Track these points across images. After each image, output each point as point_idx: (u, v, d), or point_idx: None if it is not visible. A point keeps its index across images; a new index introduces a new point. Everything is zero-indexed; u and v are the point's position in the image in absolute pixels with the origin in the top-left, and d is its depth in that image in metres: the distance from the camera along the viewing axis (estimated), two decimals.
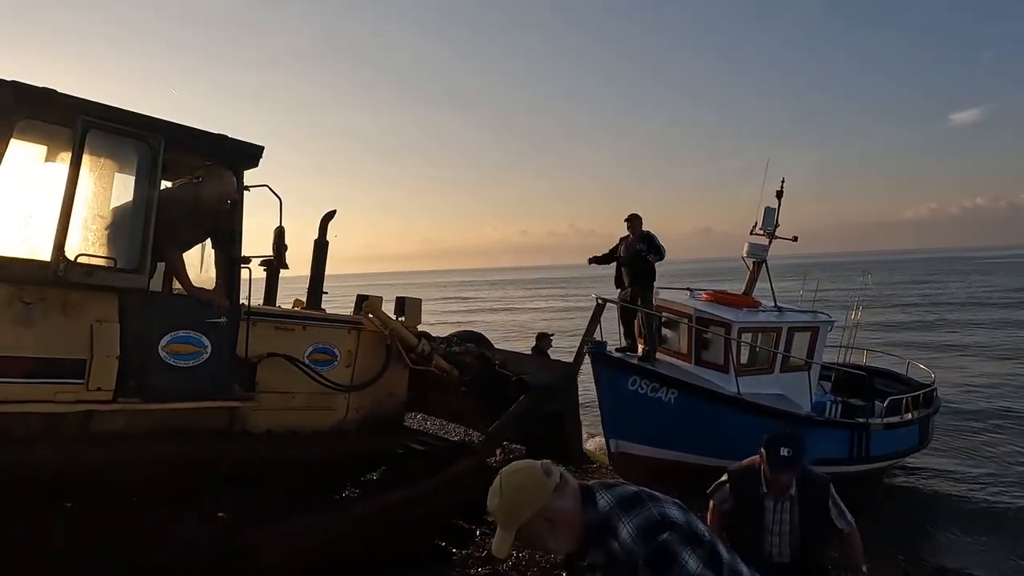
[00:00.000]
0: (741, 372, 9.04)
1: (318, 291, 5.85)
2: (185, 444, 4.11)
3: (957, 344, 25.27)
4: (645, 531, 1.75)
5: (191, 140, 4.31)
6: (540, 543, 1.84)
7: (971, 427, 13.71)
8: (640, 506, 1.81)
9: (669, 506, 1.82)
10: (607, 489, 1.88)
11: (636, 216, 9.33)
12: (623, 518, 1.79)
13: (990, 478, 10.81)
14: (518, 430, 5.43)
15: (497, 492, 1.79)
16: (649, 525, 1.76)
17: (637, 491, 1.87)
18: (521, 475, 1.82)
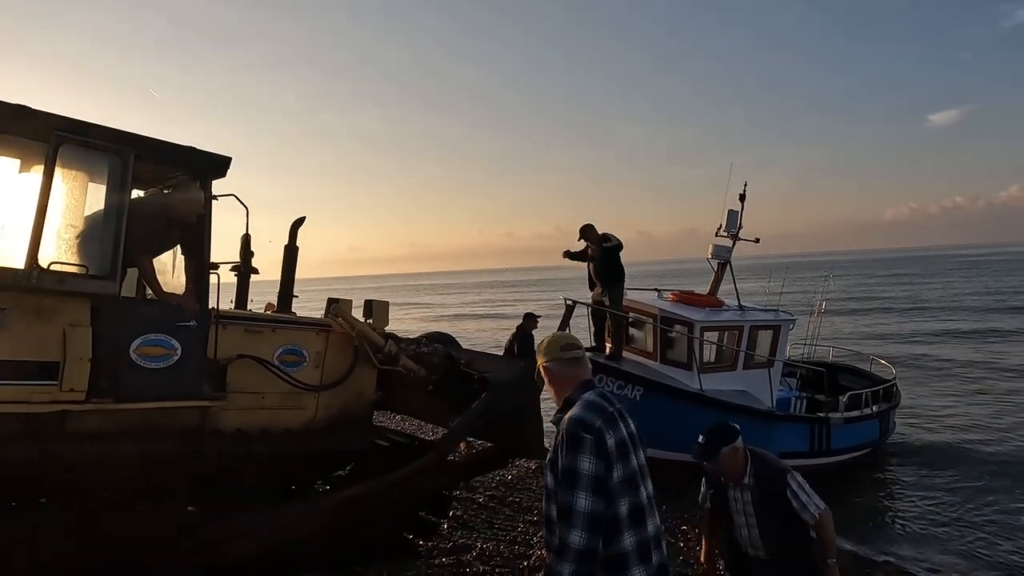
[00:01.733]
0: (704, 370, 9.36)
1: (288, 295, 6.06)
2: (156, 442, 4.31)
3: (927, 340, 25.85)
4: (574, 421, 2.26)
5: (161, 152, 4.52)
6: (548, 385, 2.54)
7: (934, 420, 14.14)
8: (594, 410, 2.30)
9: (614, 429, 2.28)
10: (596, 389, 2.44)
11: (587, 227, 9.45)
12: (577, 407, 2.33)
13: (951, 470, 11.16)
14: (479, 426, 5.65)
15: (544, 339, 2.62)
16: (579, 420, 2.26)
17: (610, 408, 2.36)
18: (549, 338, 2.61)
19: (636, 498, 2.27)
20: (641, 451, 2.40)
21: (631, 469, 2.28)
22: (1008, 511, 9.30)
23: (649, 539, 2.27)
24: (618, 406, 2.42)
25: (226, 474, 4.67)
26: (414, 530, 5.71)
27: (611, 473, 2.21)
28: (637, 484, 2.29)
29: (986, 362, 20.36)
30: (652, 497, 2.38)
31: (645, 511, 2.29)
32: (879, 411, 10.86)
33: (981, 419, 13.97)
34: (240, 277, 5.90)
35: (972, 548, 8.19)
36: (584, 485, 2.16)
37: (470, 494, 7.72)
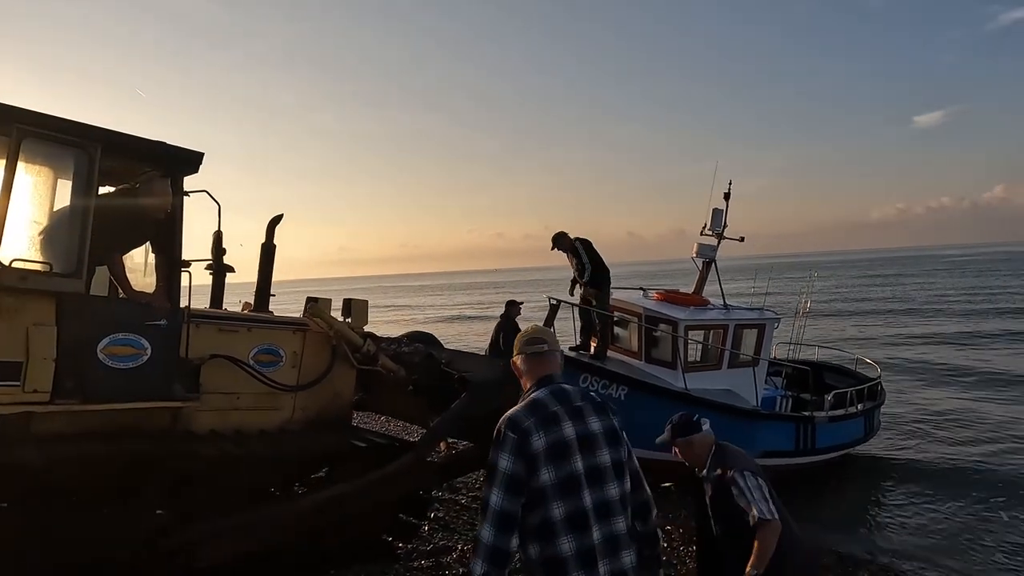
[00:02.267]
0: (689, 369, 9.32)
1: (265, 294, 5.98)
2: (124, 443, 4.20)
3: (915, 337, 26.04)
4: (504, 419, 2.27)
5: (129, 147, 4.42)
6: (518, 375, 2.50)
7: (919, 418, 14.21)
8: (530, 409, 2.27)
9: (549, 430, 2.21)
10: (551, 386, 2.36)
11: (557, 235, 9.43)
12: (518, 405, 2.33)
13: (935, 469, 11.21)
14: (457, 427, 5.58)
15: (520, 333, 2.60)
16: (508, 418, 2.26)
17: (554, 408, 2.28)
18: (520, 333, 2.59)
19: (576, 503, 2.16)
20: (603, 452, 2.27)
21: (568, 472, 2.18)
22: (991, 509, 9.34)
23: (594, 545, 2.14)
24: (577, 404, 2.32)
25: (199, 476, 4.58)
26: (393, 532, 5.64)
27: (536, 475, 2.15)
28: (577, 488, 2.17)
29: (970, 364, 20.50)
30: (611, 501, 2.24)
31: (589, 516, 2.16)
32: (864, 410, 10.86)
33: (965, 419, 14.06)
34: (215, 276, 5.80)
35: (956, 546, 8.20)
36: (498, 482, 2.15)
37: (452, 495, 7.64)
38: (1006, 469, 10.80)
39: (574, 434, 2.23)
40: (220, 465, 4.51)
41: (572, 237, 9.45)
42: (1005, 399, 15.34)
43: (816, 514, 8.79)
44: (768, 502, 3.47)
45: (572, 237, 9.45)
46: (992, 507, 9.35)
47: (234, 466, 4.60)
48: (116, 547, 4.05)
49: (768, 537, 3.39)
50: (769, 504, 3.46)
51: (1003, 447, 12.05)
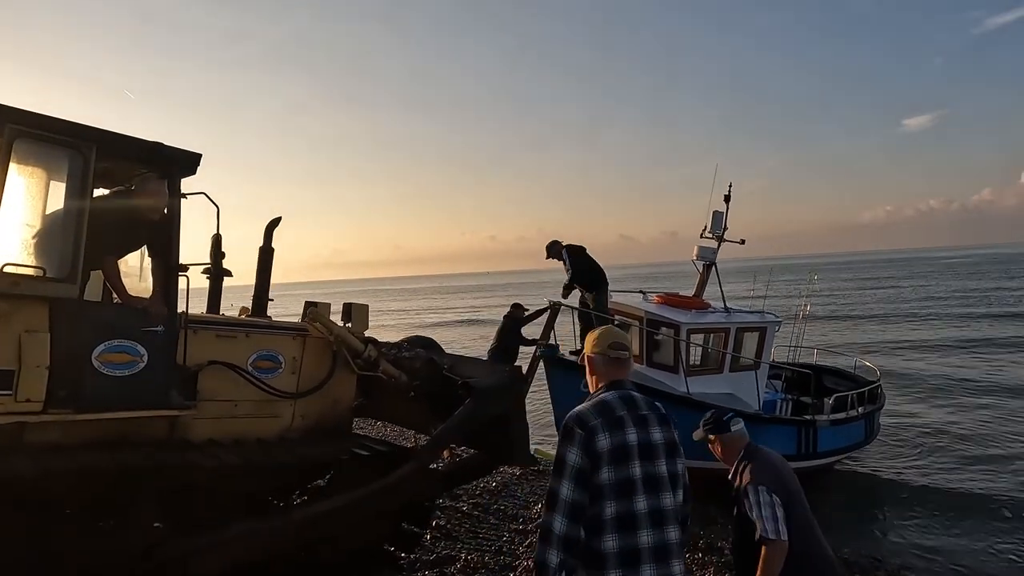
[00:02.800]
0: (691, 372, 9.25)
1: (263, 298, 5.85)
2: (120, 454, 4.07)
3: (908, 341, 26.11)
4: (573, 415, 2.37)
5: (125, 148, 4.30)
6: (588, 374, 2.59)
7: (918, 422, 14.20)
8: (598, 410, 2.36)
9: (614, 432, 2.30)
10: (621, 391, 2.46)
11: (549, 245, 9.83)
12: (586, 403, 2.44)
13: (935, 473, 11.19)
14: (462, 434, 5.46)
15: (595, 331, 2.67)
16: (577, 415, 2.37)
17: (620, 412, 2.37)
18: (603, 331, 2.65)
19: (628, 505, 2.25)
20: (661, 463, 2.36)
21: (625, 475, 2.27)
22: (991, 511, 9.32)
23: (640, 549, 2.23)
24: (643, 412, 2.41)
25: (197, 487, 4.45)
26: (395, 541, 5.50)
27: (598, 472, 2.25)
28: (632, 491, 2.27)
29: (968, 366, 20.56)
30: (665, 510, 2.32)
31: (639, 520, 2.25)
32: (864, 413, 10.82)
33: (963, 422, 14.06)
34: (213, 280, 5.67)
35: (957, 548, 8.18)
36: (568, 475, 2.25)
37: (453, 502, 7.52)
38: (1005, 476, 10.79)
39: (636, 440, 2.33)
40: (218, 475, 4.38)
41: (562, 245, 9.74)
42: (1001, 406, 15.30)
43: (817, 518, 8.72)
44: (776, 521, 3.34)
45: (562, 245, 9.74)
46: (995, 510, 9.33)
47: (232, 476, 4.48)
48: (111, 559, 3.91)
49: (771, 557, 3.31)
50: (777, 524, 3.34)
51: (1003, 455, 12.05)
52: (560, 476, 2.26)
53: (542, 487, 8.81)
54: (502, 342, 9.60)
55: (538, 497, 8.22)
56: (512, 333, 9.61)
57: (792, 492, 3.54)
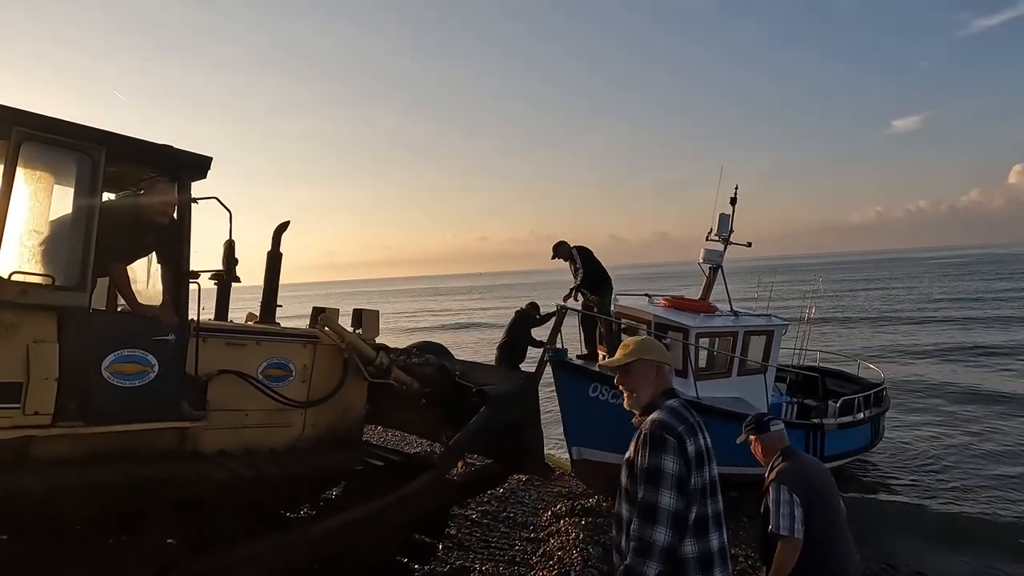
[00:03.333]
0: (700, 376, 9.17)
1: (272, 304, 5.71)
2: (132, 467, 3.93)
3: (905, 344, 26.17)
4: (658, 424, 2.35)
5: (134, 151, 4.16)
6: (633, 380, 2.56)
7: (920, 425, 14.19)
8: (677, 417, 2.38)
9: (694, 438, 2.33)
10: (680, 399, 2.52)
11: (557, 245, 9.71)
12: (661, 412, 2.41)
13: (937, 475, 11.17)
14: (478, 442, 5.36)
15: (642, 336, 2.87)
16: (663, 423, 2.34)
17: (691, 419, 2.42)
18: (654, 341, 2.73)
19: (704, 509, 2.31)
20: (715, 465, 2.43)
21: (705, 479, 2.33)
22: (993, 511, 9.29)
23: (713, 552, 2.30)
24: (697, 419, 2.47)
25: (209, 499, 4.32)
26: (409, 553, 5.39)
27: (690, 479, 2.29)
28: (707, 496, 2.33)
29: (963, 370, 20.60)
30: (721, 513, 2.41)
31: (710, 523, 2.32)
32: (870, 416, 10.78)
33: (964, 426, 14.06)
34: (221, 286, 5.53)
35: (961, 552, 8.14)
36: (669, 483, 2.23)
37: (462, 510, 7.39)
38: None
39: (704, 445, 2.39)
40: (231, 487, 4.26)
41: (571, 245, 9.60)
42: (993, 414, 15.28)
43: None
44: (792, 519, 3.47)
45: (571, 245, 9.60)
46: (997, 509, 9.30)
47: (245, 488, 4.35)
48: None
49: (783, 553, 3.44)
50: (793, 522, 3.46)
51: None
52: (660, 485, 2.23)
53: (550, 493, 8.71)
54: (511, 338, 9.51)
55: (547, 504, 8.12)
56: (522, 331, 9.52)
57: (817, 494, 3.61)
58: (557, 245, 9.75)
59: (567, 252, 9.63)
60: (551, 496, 8.54)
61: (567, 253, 9.63)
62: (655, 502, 2.22)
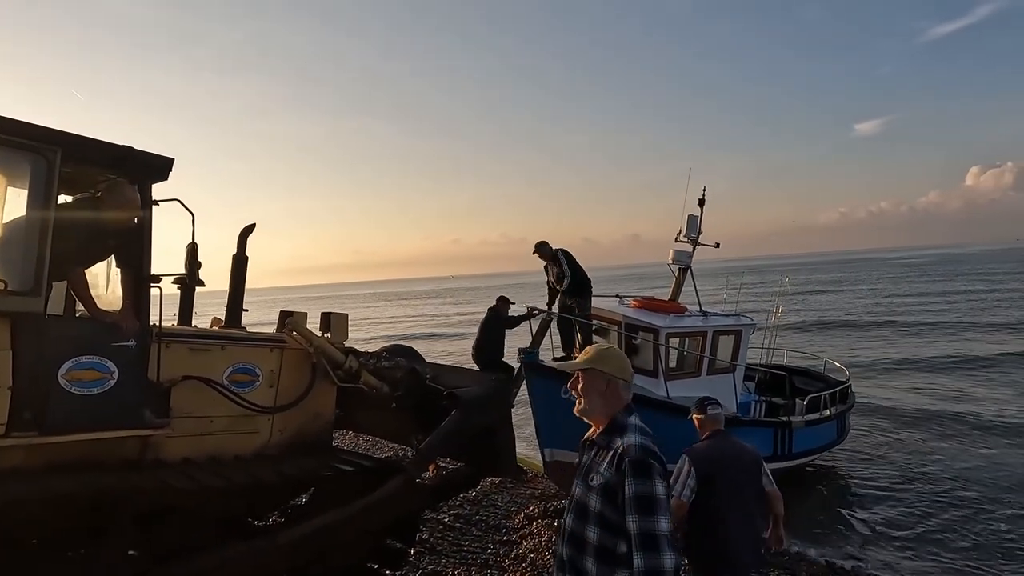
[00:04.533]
0: (670, 376, 9.25)
1: (237, 308, 5.62)
2: (91, 478, 3.82)
3: (871, 341, 26.76)
4: (642, 449, 2.35)
5: (92, 152, 4.04)
6: (584, 387, 2.55)
7: (883, 421, 14.50)
8: (651, 438, 2.42)
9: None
10: (640, 428, 2.47)
11: (540, 244, 9.59)
12: (636, 434, 2.41)
13: (899, 471, 11.43)
14: (450, 446, 5.32)
15: (605, 345, 2.74)
16: (645, 448, 2.36)
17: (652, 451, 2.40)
18: (621, 355, 2.66)
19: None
20: None
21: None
22: (956, 510, 9.53)
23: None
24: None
25: (172, 509, 4.21)
26: (380, 559, 5.32)
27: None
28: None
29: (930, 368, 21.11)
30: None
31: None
32: (836, 413, 10.98)
33: (927, 423, 14.41)
34: (184, 290, 5.42)
35: (925, 548, 8.33)
36: (664, 509, 2.27)
37: (434, 514, 7.35)
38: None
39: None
40: (197, 496, 4.16)
41: (553, 247, 9.47)
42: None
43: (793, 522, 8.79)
44: (683, 485, 4.02)
45: (553, 247, 9.47)
46: (959, 508, 9.53)
47: (212, 496, 4.26)
48: None
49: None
50: (683, 487, 4.01)
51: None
52: (656, 512, 2.25)
53: (522, 495, 8.69)
54: (484, 338, 9.47)
55: (519, 506, 8.11)
56: (495, 328, 9.47)
57: (721, 472, 4.05)
58: (540, 245, 9.60)
59: (550, 253, 9.49)
60: (523, 498, 8.54)
61: (550, 254, 9.49)
62: (655, 530, 2.22)
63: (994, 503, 9.64)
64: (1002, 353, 20.17)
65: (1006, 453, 12.03)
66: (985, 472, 11.02)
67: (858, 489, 10.59)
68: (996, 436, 12.92)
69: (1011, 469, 11.07)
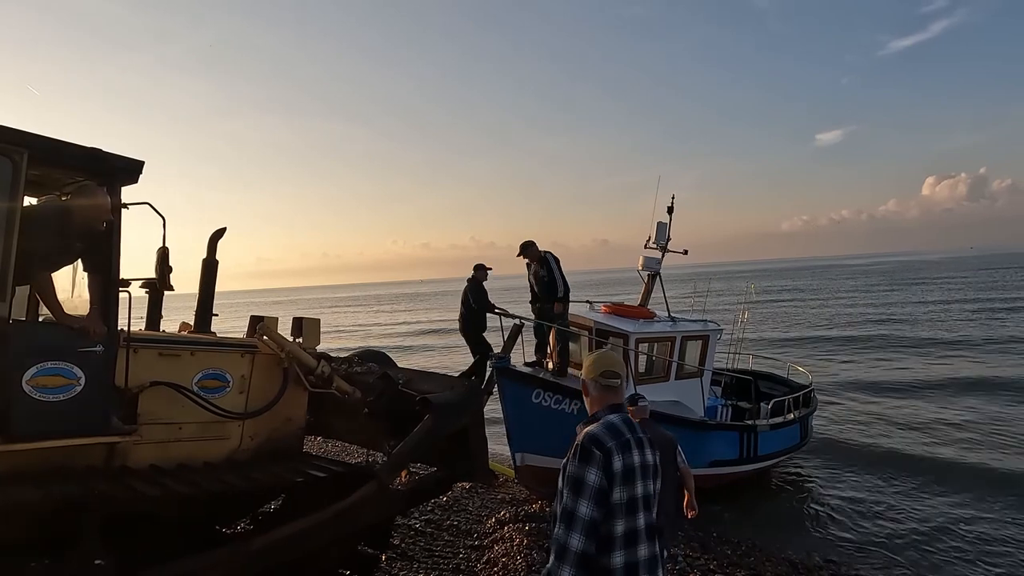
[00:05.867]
0: (639, 381, 9.36)
1: (207, 313, 5.55)
2: (57, 486, 3.73)
3: (830, 344, 27.41)
4: (589, 436, 2.44)
5: (60, 154, 3.96)
6: (583, 393, 2.72)
7: (844, 423, 14.88)
8: (611, 432, 2.46)
9: (625, 454, 2.42)
10: (622, 415, 2.58)
11: (526, 244, 9.38)
12: (598, 425, 2.50)
13: (862, 472, 11.74)
14: (422, 451, 5.32)
15: (595, 354, 2.79)
16: (594, 437, 2.43)
17: (627, 435, 2.48)
18: (596, 357, 2.74)
19: (633, 523, 2.42)
20: (651, 482, 2.52)
21: (631, 494, 2.42)
22: (914, 506, 9.84)
23: (639, 563, 2.40)
24: (640, 435, 2.54)
25: (140, 517, 4.14)
26: (352, 566, 5.29)
27: (612, 492, 2.38)
28: (636, 510, 2.43)
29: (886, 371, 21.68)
30: (654, 525, 2.50)
31: (640, 536, 2.42)
32: (799, 416, 11.24)
33: (887, 423, 14.83)
34: (152, 294, 5.34)
35: (885, 546, 8.57)
36: (588, 495, 2.33)
37: (405, 520, 7.32)
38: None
39: (639, 462, 2.47)
40: (165, 504, 4.10)
41: (541, 250, 9.31)
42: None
43: (762, 518, 8.97)
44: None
45: (541, 250, 9.31)
46: (917, 504, 9.84)
47: (181, 504, 4.20)
48: None
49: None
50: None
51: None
52: (579, 495, 2.34)
53: (493, 500, 8.71)
54: (467, 309, 9.46)
55: (490, 511, 8.13)
56: (477, 300, 9.37)
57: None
58: (526, 244, 9.33)
59: (536, 255, 9.24)
60: (494, 503, 8.55)
61: (536, 256, 9.23)
62: (574, 510, 2.34)
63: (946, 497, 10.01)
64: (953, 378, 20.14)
65: (963, 455, 12.46)
66: (942, 472, 11.41)
67: (820, 490, 10.85)
68: (949, 444, 13.35)
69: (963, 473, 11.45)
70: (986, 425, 14.33)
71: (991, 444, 13.04)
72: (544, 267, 9.16)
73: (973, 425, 14.36)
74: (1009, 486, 10.58)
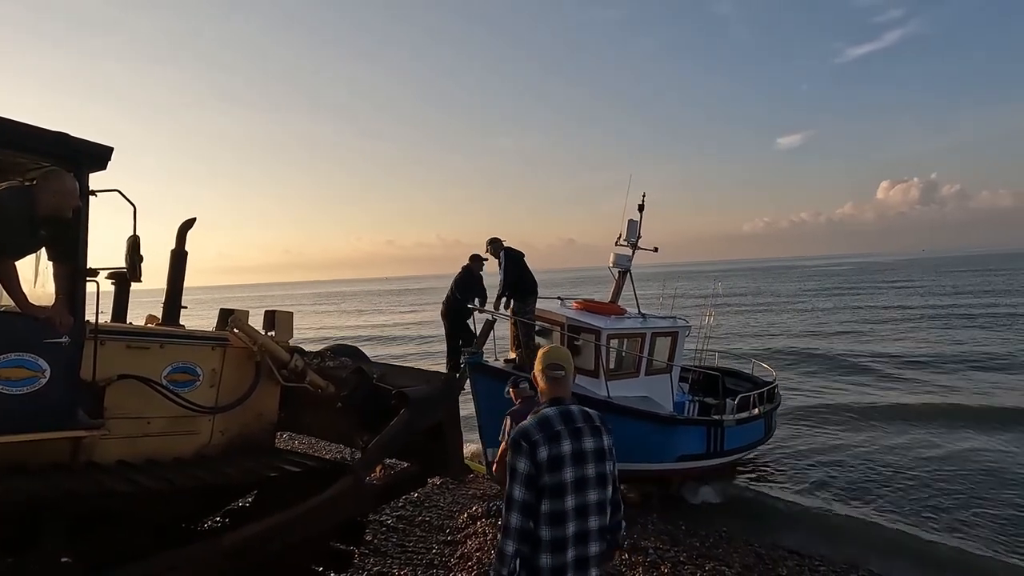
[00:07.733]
0: (610, 376, 9.45)
1: (176, 305, 5.42)
2: (20, 482, 3.61)
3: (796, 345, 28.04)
4: (519, 429, 2.77)
5: (25, 138, 3.82)
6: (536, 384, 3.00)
7: (806, 418, 15.25)
8: (540, 425, 2.75)
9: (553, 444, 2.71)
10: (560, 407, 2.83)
11: (491, 240, 9.69)
12: (531, 418, 2.82)
13: (824, 463, 12.07)
14: (397, 446, 5.28)
15: (543, 350, 3.00)
16: (523, 429, 2.76)
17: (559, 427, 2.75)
18: (546, 350, 2.97)
19: (559, 504, 2.71)
20: (590, 466, 2.77)
21: (558, 480, 2.71)
22: (878, 494, 10.15)
23: (567, 537, 2.70)
24: (578, 425, 2.79)
25: (107, 515, 4.02)
26: (325, 562, 5.23)
27: (539, 478, 2.69)
28: (562, 493, 2.71)
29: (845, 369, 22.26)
30: (589, 505, 2.76)
31: (567, 515, 2.71)
32: (764, 412, 11.48)
33: (846, 414, 15.25)
34: (119, 285, 5.18)
35: (849, 531, 8.84)
36: (519, 481, 2.69)
37: (376, 515, 7.26)
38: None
39: (569, 450, 2.74)
40: (134, 500, 3.99)
41: (506, 246, 9.54)
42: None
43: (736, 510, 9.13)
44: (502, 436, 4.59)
45: (506, 246, 9.54)
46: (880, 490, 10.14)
47: (148, 500, 4.09)
48: None
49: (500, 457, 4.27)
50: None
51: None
52: (513, 482, 2.71)
53: (465, 495, 8.70)
54: (453, 293, 9.59)
55: (462, 506, 8.12)
56: (461, 288, 9.53)
57: None
58: (492, 241, 9.66)
59: (497, 252, 9.56)
60: (466, 498, 8.55)
61: (494, 252, 9.57)
62: (510, 494, 2.72)
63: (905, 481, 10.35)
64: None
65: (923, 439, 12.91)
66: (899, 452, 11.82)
67: (783, 482, 11.11)
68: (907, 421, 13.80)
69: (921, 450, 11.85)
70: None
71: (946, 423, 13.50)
72: (516, 265, 9.41)
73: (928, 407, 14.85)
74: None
